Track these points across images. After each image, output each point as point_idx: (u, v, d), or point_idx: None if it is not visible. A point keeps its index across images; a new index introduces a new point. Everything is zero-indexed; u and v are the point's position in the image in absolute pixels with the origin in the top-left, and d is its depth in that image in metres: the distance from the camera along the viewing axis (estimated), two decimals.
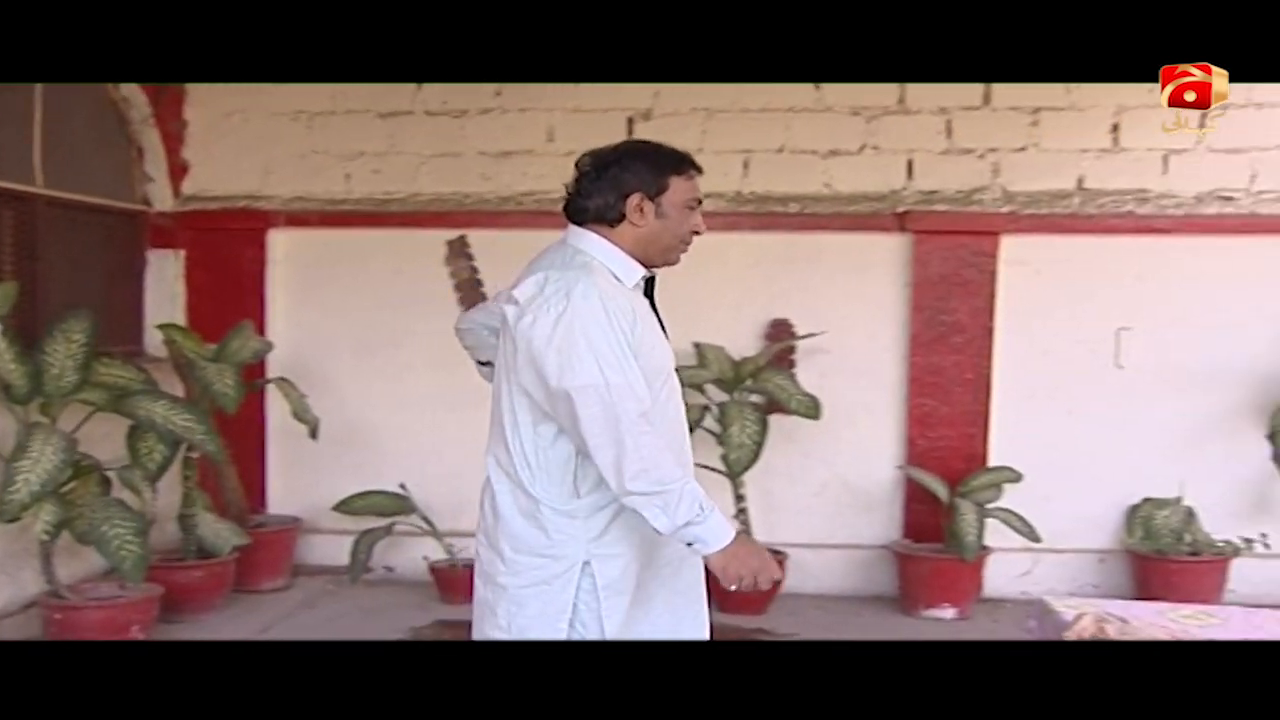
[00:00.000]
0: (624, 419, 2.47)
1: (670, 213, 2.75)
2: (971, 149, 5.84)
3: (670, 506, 2.48)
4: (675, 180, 2.75)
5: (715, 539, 2.52)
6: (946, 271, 5.82)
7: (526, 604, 2.66)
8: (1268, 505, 5.76)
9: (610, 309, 2.55)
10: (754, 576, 2.54)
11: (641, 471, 2.47)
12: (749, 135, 5.89)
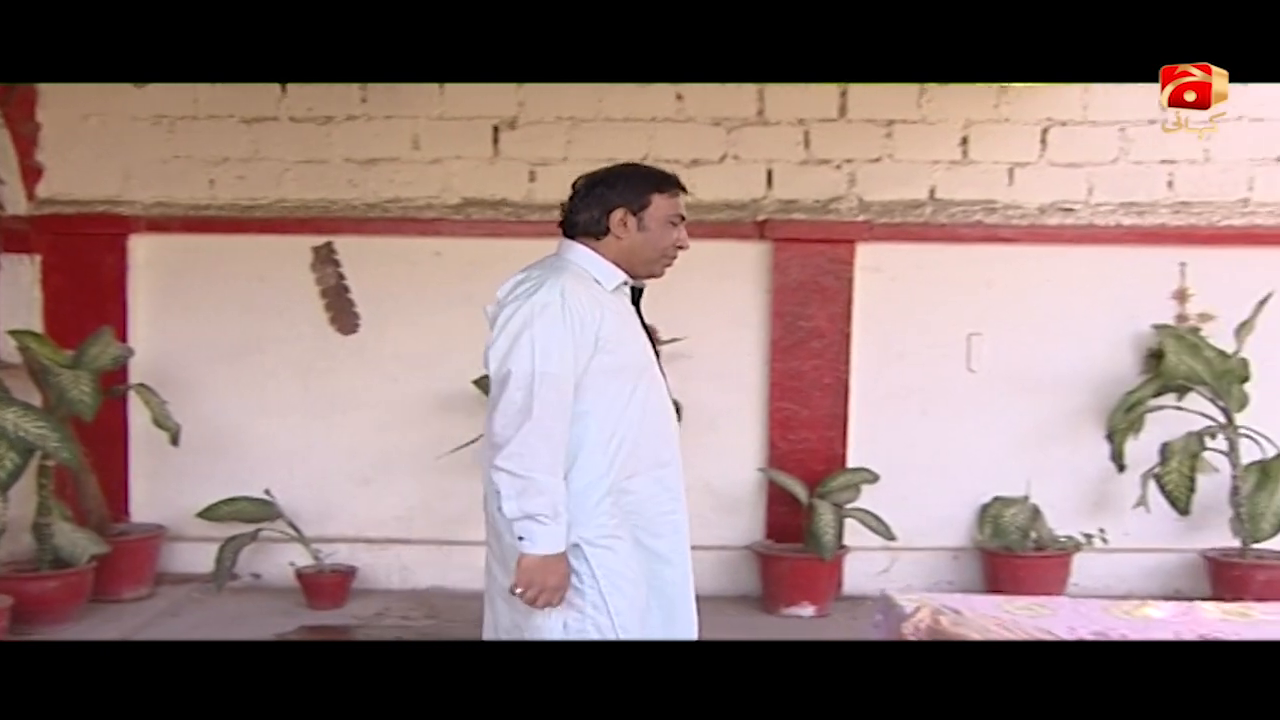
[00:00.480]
0: (537, 407, 2.71)
1: (652, 227, 2.97)
2: (828, 159, 6.03)
3: (524, 494, 2.69)
4: (657, 197, 2.98)
5: (547, 544, 2.73)
6: (805, 278, 5.99)
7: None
8: (1107, 503, 6.03)
9: (569, 305, 2.78)
10: (540, 592, 2.74)
11: (518, 455, 2.70)
12: (613, 145, 5.97)
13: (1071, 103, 5.99)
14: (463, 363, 5.88)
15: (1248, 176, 6.00)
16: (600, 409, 2.83)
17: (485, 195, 6.03)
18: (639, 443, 2.89)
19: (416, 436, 6.04)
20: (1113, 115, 5.99)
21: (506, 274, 6.30)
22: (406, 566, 6.21)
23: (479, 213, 6.03)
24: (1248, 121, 5.95)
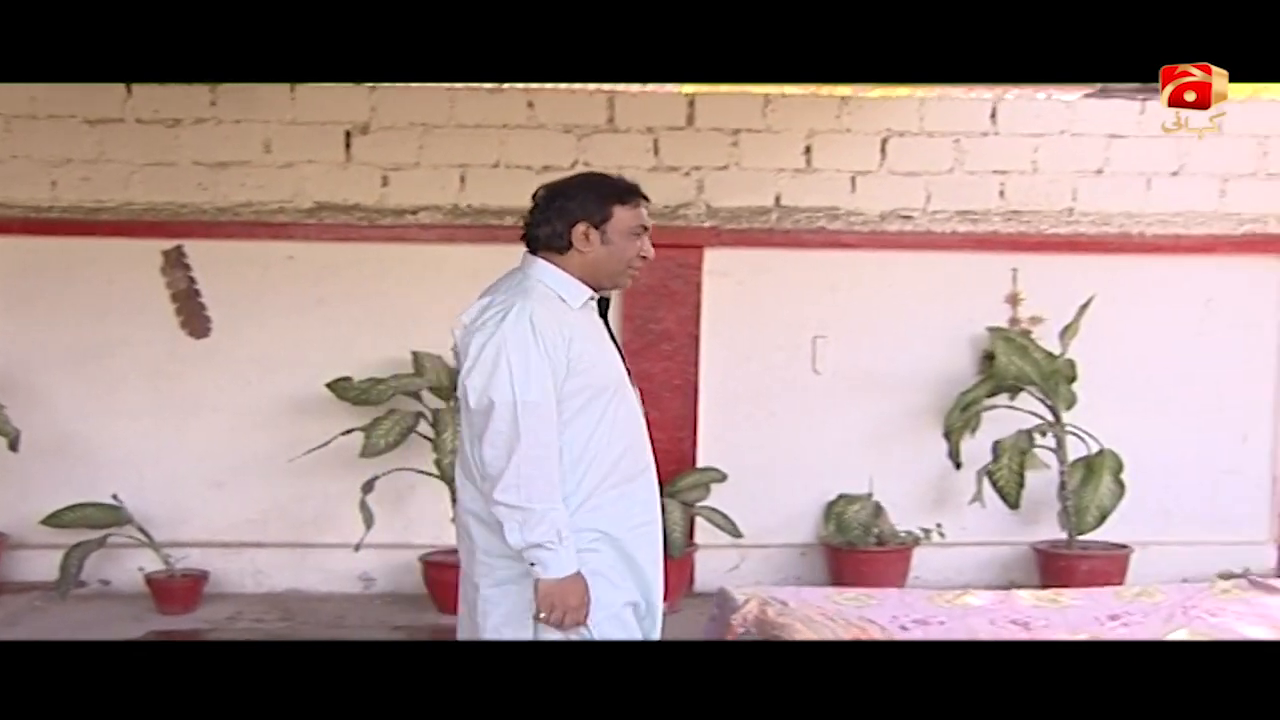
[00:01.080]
0: (524, 435, 2.71)
1: (615, 240, 2.91)
2: (677, 167, 6.18)
3: (527, 524, 2.70)
4: (619, 209, 2.92)
5: (559, 568, 2.72)
6: (654, 283, 6.13)
7: (499, 603, 2.87)
8: (946, 498, 6.28)
9: (540, 330, 2.75)
10: (564, 614, 2.73)
11: (513, 486, 2.70)
12: (465, 150, 6.07)
13: (909, 114, 6.24)
14: (316, 365, 5.93)
15: (1072, 187, 6.31)
16: (570, 433, 2.81)
17: (338, 200, 6.05)
18: (606, 460, 2.86)
19: (270, 439, 6.03)
20: (948, 127, 6.25)
21: (360, 278, 6.38)
22: (261, 570, 6.19)
23: (331, 217, 6.05)
24: (1070, 136, 6.28)
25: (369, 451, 5.56)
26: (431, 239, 6.11)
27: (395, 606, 5.98)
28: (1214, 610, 4.20)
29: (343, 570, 6.16)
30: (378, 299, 6.12)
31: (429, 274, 6.11)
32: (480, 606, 2.89)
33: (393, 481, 5.86)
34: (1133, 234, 6.34)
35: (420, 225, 6.09)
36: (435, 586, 5.91)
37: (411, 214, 6.09)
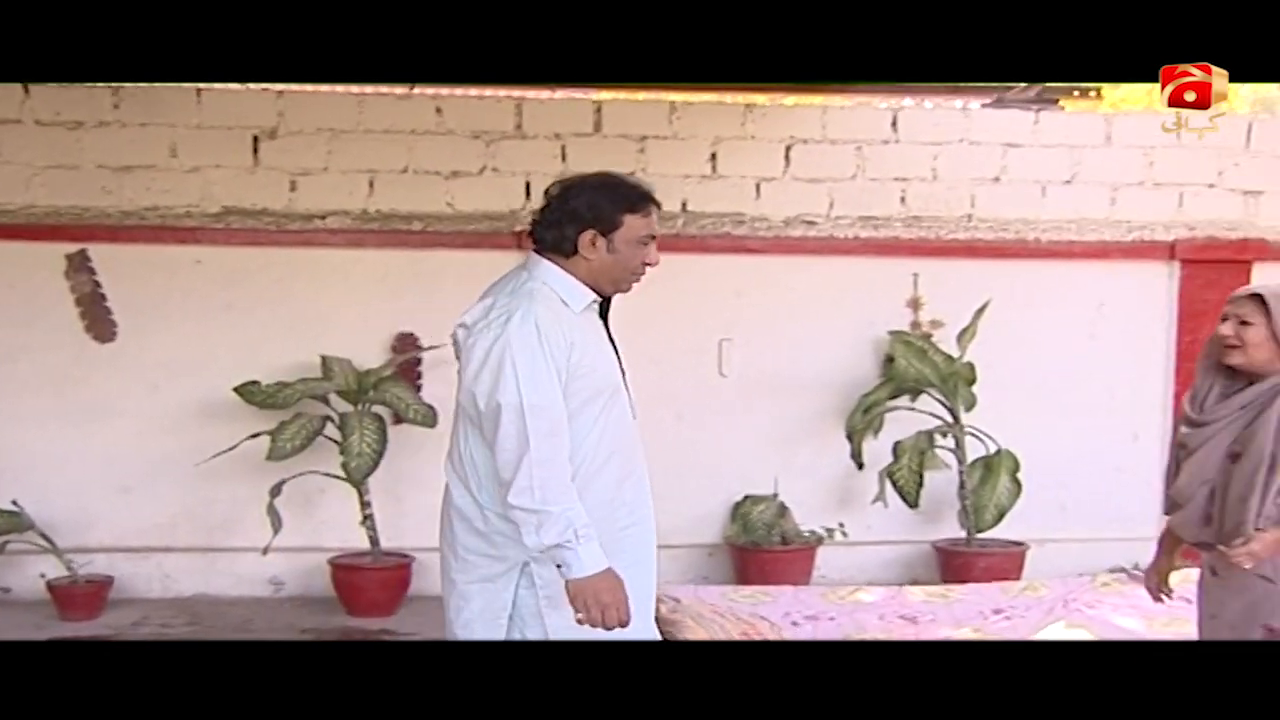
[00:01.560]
0: (533, 438, 2.73)
1: (622, 249, 2.92)
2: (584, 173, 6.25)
3: (543, 526, 2.72)
4: (629, 218, 2.91)
5: (581, 567, 2.73)
6: None
7: (472, 599, 2.94)
8: (851, 498, 6.42)
9: (544, 334, 2.78)
10: (602, 611, 2.72)
11: (527, 489, 2.73)
12: (374, 155, 6.10)
13: (812, 122, 6.37)
14: (224, 370, 5.92)
15: (970, 194, 6.47)
16: (572, 439, 2.84)
17: (246, 204, 6.05)
18: (596, 462, 2.91)
19: (178, 444, 6.00)
20: (850, 134, 6.39)
21: (268, 282, 6.39)
22: (169, 575, 6.17)
23: (239, 221, 6.05)
24: (968, 144, 6.45)
25: (275, 455, 5.57)
26: (340, 244, 6.14)
27: (305, 609, 5.99)
28: (1092, 603, 4.38)
29: (252, 574, 6.16)
30: (286, 304, 6.13)
31: (337, 279, 6.15)
32: (454, 602, 2.97)
33: (301, 485, 5.88)
34: (1028, 240, 6.52)
35: (329, 230, 6.11)
36: (344, 589, 5.95)
37: (320, 219, 6.11)
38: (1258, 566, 3.02)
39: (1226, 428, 3.12)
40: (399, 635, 5.59)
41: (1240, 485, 3.06)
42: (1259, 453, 3.03)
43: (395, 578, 5.98)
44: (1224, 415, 3.13)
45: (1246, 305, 3.13)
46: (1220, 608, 3.25)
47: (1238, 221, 6.63)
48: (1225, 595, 3.22)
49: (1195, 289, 6.58)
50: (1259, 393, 3.09)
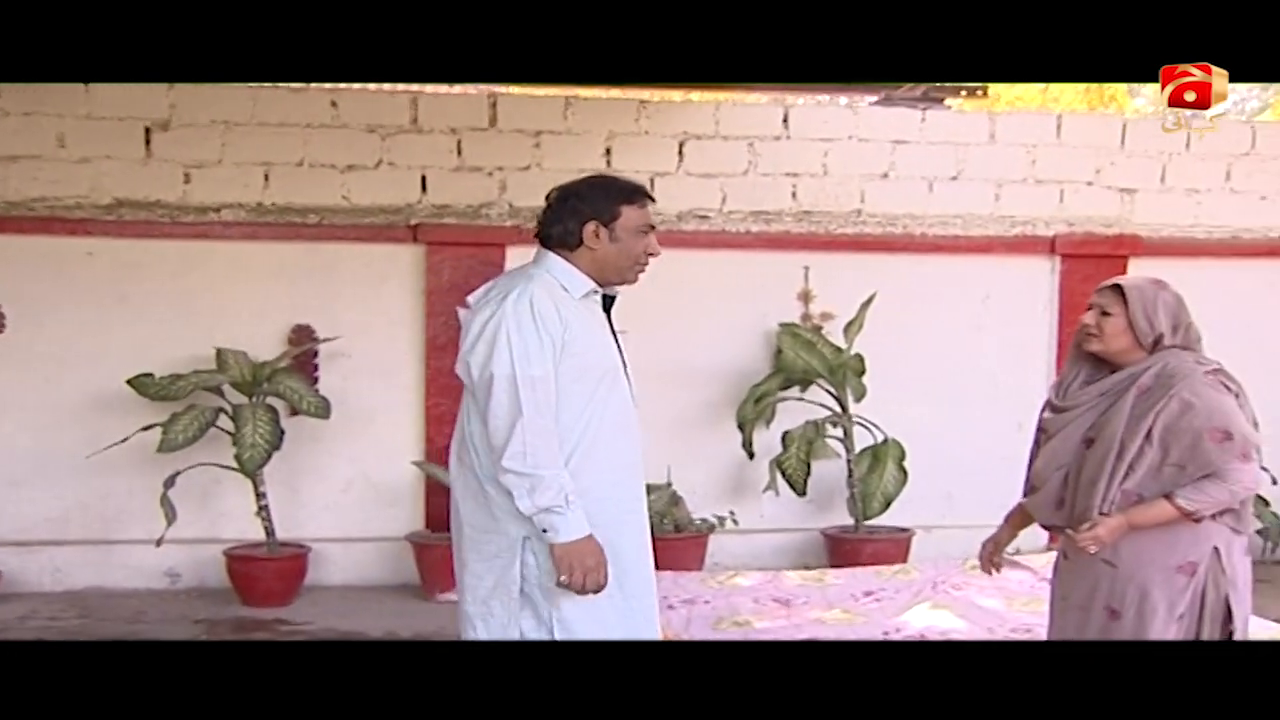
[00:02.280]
0: (525, 406, 2.85)
1: (623, 238, 3.08)
2: (480, 167, 6.33)
3: (536, 490, 2.83)
4: (627, 209, 3.08)
5: (567, 531, 2.85)
6: (458, 280, 6.26)
7: (484, 577, 3.02)
8: (744, 487, 6.56)
9: (539, 310, 2.92)
10: (584, 574, 2.86)
11: (519, 454, 2.84)
12: (269, 148, 6.12)
13: (706, 118, 6.50)
14: (118, 362, 5.92)
15: (859, 190, 6.64)
16: (561, 414, 2.94)
17: (138, 196, 6.04)
18: (596, 445, 3.00)
19: (71, 436, 5.99)
20: (742, 131, 6.53)
21: (163, 275, 6.37)
22: (60, 568, 6.15)
23: (132, 214, 6.04)
24: (857, 141, 6.62)
25: (167, 447, 5.58)
26: (235, 236, 6.15)
27: (200, 601, 6.01)
28: (959, 584, 4.54)
29: (147, 566, 6.16)
30: (181, 296, 6.13)
31: (233, 271, 6.16)
32: (469, 581, 3.04)
33: (197, 477, 5.90)
34: (915, 234, 6.71)
35: (224, 223, 6.12)
36: (239, 580, 5.97)
37: (215, 211, 6.12)
38: (1102, 551, 3.17)
39: (1085, 414, 3.24)
40: (294, 625, 5.63)
41: (1091, 470, 3.18)
42: (1111, 439, 3.16)
43: (291, 568, 6.01)
44: (1084, 402, 3.26)
45: (1108, 296, 3.27)
46: (1070, 589, 3.39)
47: (1115, 218, 6.87)
48: (1073, 578, 3.37)
49: (1075, 282, 6.80)
50: (1116, 381, 3.23)
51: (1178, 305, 3.26)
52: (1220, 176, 6.96)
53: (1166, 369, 3.18)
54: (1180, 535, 3.15)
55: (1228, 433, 3.11)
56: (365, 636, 5.47)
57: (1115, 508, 3.16)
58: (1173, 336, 3.21)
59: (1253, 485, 3.16)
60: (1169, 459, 3.13)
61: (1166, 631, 3.17)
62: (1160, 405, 3.12)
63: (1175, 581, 3.17)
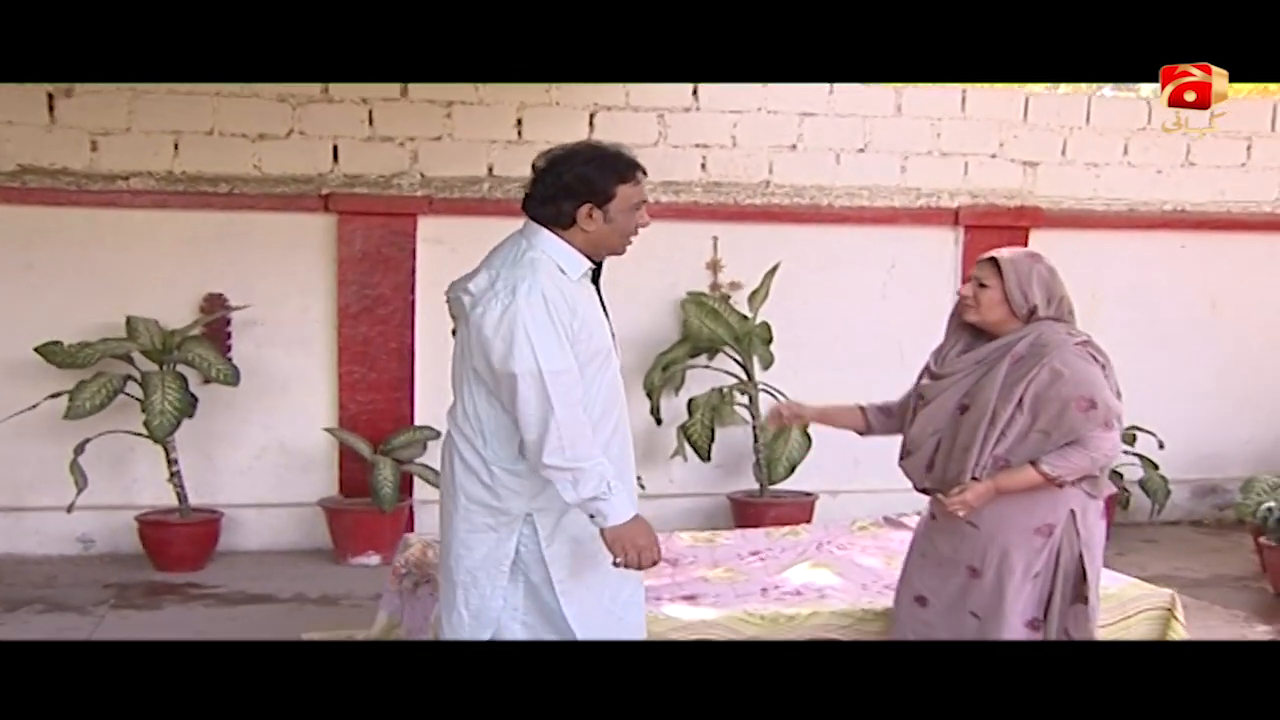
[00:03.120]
0: (555, 401, 2.87)
1: (617, 218, 3.07)
2: (392, 137, 6.38)
3: (579, 482, 2.89)
4: (622, 188, 3.06)
5: (615, 515, 2.93)
6: (369, 249, 6.35)
7: (475, 548, 3.07)
8: (654, 453, 6.66)
9: (551, 303, 2.94)
10: (638, 554, 2.96)
11: (558, 449, 2.88)
12: (178, 116, 6.13)
13: (616, 91, 6.58)
14: (27, 330, 5.93)
15: (768, 161, 6.77)
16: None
17: (43, 163, 6.03)
18: (609, 427, 3.08)
19: None
20: (652, 103, 6.62)
21: (70, 243, 6.34)
22: None
23: (37, 181, 6.03)
24: (766, 113, 6.73)
25: (73, 414, 5.62)
26: (145, 205, 6.16)
27: (113, 566, 6.07)
28: (844, 545, 4.69)
29: (61, 532, 6.19)
30: (90, 264, 6.14)
31: (143, 240, 6.18)
32: (455, 550, 3.10)
33: (111, 444, 5.94)
34: (822, 205, 6.85)
35: (132, 191, 6.13)
36: (152, 545, 6.04)
37: (123, 180, 6.12)
38: (968, 514, 3.33)
39: (960, 381, 3.40)
40: (205, 588, 5.71)
41: (965, 436, 3.34)
42: (985, 405, 3.31)
43: (203, 533, 6.09)
44: (960, 370, 3.42)
45: (985, 269, 3.43)
46: (930, 546, 3.57)
47: (1017, 190, 7.05)
48: (937, 536, 3.54)
49: (978, 253, 6.66)
50: (991, 349, 3.38)
51: (1052, 279, 3.42)
52: (1118, 150, 7.17)
53: (1040, 339, 3.34)
54: (1039, 499, 3.33)
55: (1093, 401, 3.28)
56: (275, 599, 5.57)
57: (985, 473, 3.33)
58: (1046, 308, 3.38)
59: (1113, 453, 3.36)
60: (1037, 425, 3.30)
61: (1022, 589, 3.36)
62: (1032, 374, 3.28)
63: (1032, 542, 3.35)
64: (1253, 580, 5.82)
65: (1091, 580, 3.44)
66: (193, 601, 5.52)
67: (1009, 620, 3.37)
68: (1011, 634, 3.36)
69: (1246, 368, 7.38)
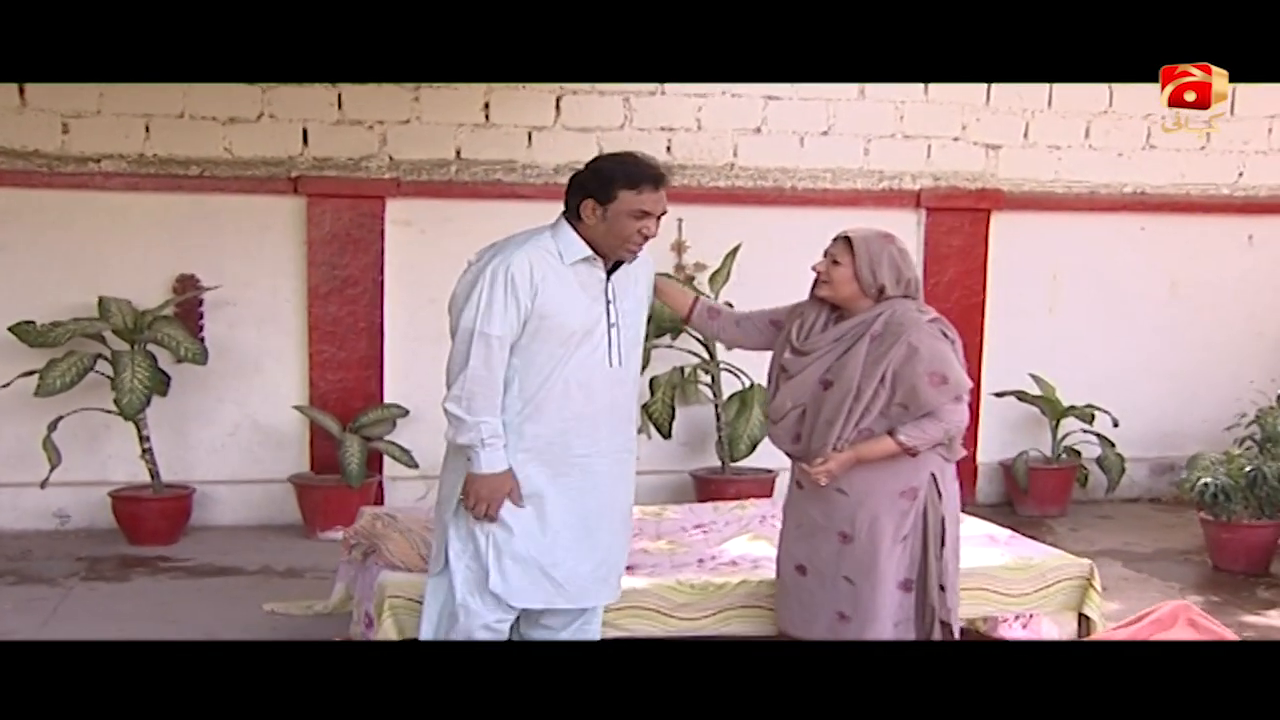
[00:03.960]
0: (473, 360, 3.29)
1: (614, 219, 3.35)
2: (361, 120, 6.50)
3: (460, 431, 3.34)
4: (624, 193, 3.34)
5: (478, 466, 3.34)
6: (339, 231, 6.48)
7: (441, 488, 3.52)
8: None
9: (512, 276, 3.30)
10: (478, 503, 3.34)
11: (457, 398, 3.32)
12: (149, 100, 6.24)
13: None
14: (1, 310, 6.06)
15: (733, 144, 6.89)
16: (524, 369, 3.35)
17: (14, 146, 6.16)
18: (549, 399, 3.37)
19: None
20: (619, 87, 6.72)
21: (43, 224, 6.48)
22: None
23: (8, 163, 6.16)
24: (731, 97, 6.84)
25: (44, 391, 5.76)
26: (117, 187, 6.29)
27: (88, 540, 6.21)
28: None
29: (37, 508, 6.34)
30: (64, 245, 6.28)
31: (116, 222, 6.32)
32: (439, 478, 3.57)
33: (86, 421, 6.09)
34: (786, 188, 6.97)
35: (104, 174, 6.26)
36: (125, 520, 6.18)
37: (95, 162, 6.25)
38: (834, 482, 3.49)
39: (822, 358, 3.56)
40: (174, 561, 5.86)
41: (829, 411, 3.51)
42: (849, 382, 3.48)
43: (175, 508, 6.23)
44: (821, 347, 3.57)
45: (839, 246, 3.58)
46: (803, 515, 3.71)
47: (979, 173, 7.16)
48: (807, 504, 3.68)
49: (940, 234, 7.12)
50: (850, 327, 3.54)
51: (901, 259, 3.58)
52: (1080, 134, 7.27)
53: (894, 317, 3.49)
54: (902, 465, 3.51)
55: (944, 377, 3.45)
56: (242, 571, 5.72)
57: (847, 444, 3.49)
58: (895, 288, 3.54)
59: (962, 423, 3.56)
60: (896, 399, 3.48)
61: (893, 552, 3.53)
62: (891, 352, 3.45)
63: (899, 505, 3.53)
64: (1195, 554, 5.96)
65: (949, 538, 3.62)
66: (161, 574, 5.66)
67: (883, 583, 3.55)
68: (886, 597, 3.54)
69: (1205, 348, 7.50)
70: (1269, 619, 5.04)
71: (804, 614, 3.69)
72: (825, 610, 3.62)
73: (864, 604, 3.55)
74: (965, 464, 7.23)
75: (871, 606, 3.55)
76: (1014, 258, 7.21)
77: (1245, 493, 5.51)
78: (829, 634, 3.60)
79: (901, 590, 3.57)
